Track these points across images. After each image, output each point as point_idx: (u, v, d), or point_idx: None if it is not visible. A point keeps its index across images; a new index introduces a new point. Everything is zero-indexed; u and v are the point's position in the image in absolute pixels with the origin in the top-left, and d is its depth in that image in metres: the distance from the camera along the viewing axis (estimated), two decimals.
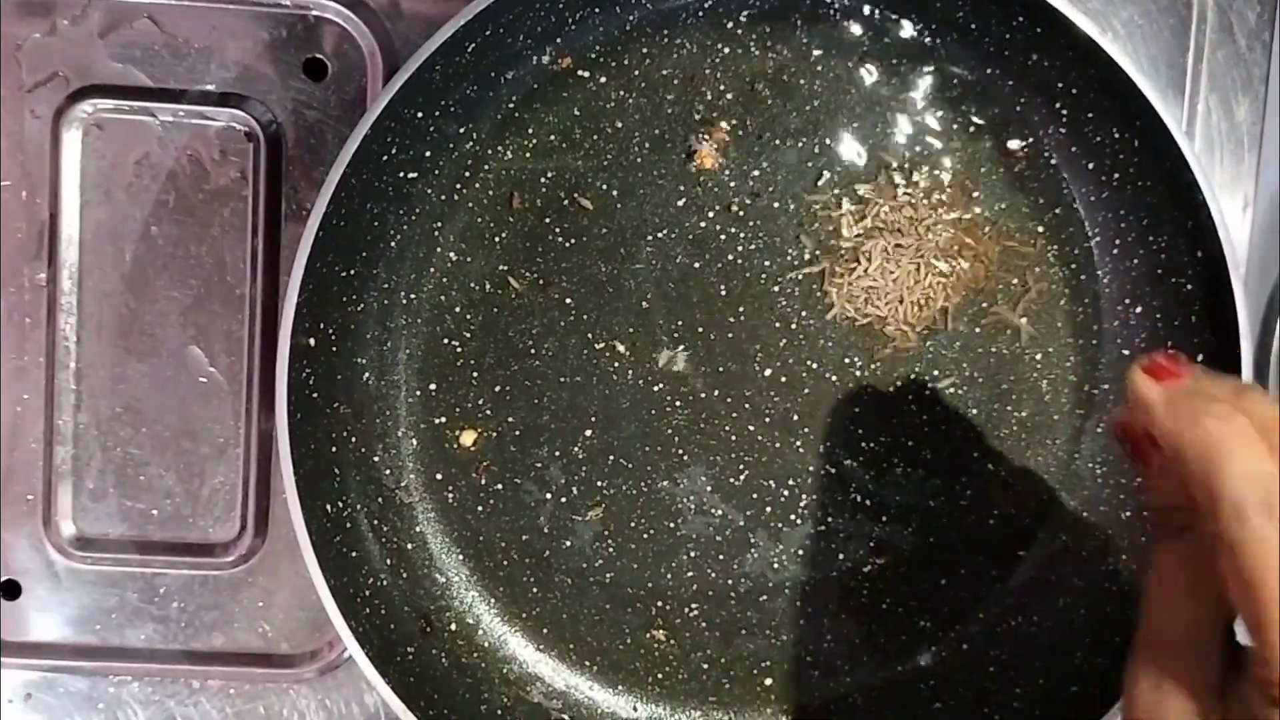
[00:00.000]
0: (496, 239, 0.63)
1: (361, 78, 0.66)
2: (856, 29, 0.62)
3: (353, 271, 0.60)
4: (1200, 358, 0.60)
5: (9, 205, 0.65)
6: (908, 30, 0.62)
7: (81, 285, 0.66)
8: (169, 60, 0.65)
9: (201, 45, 0.65)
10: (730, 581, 0.65)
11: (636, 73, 0.62)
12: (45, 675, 0.68)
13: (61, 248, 0.66)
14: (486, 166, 0.63)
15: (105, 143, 0.66)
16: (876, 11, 0.62)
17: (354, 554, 0.61)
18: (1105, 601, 0.63)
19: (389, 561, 0.63)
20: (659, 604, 0.65)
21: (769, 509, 0.65)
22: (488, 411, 0.64)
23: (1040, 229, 0.64)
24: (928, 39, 0.62)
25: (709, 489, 0.65)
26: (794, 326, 0.64)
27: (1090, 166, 0.62)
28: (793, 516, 0.65)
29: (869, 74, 0.63)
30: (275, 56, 0.65)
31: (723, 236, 0.63)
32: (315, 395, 0.60)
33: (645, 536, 0.65)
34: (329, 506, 0.60)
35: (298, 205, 0.66)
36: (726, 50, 0.62)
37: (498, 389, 0.64)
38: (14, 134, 0.65)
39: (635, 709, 0.66)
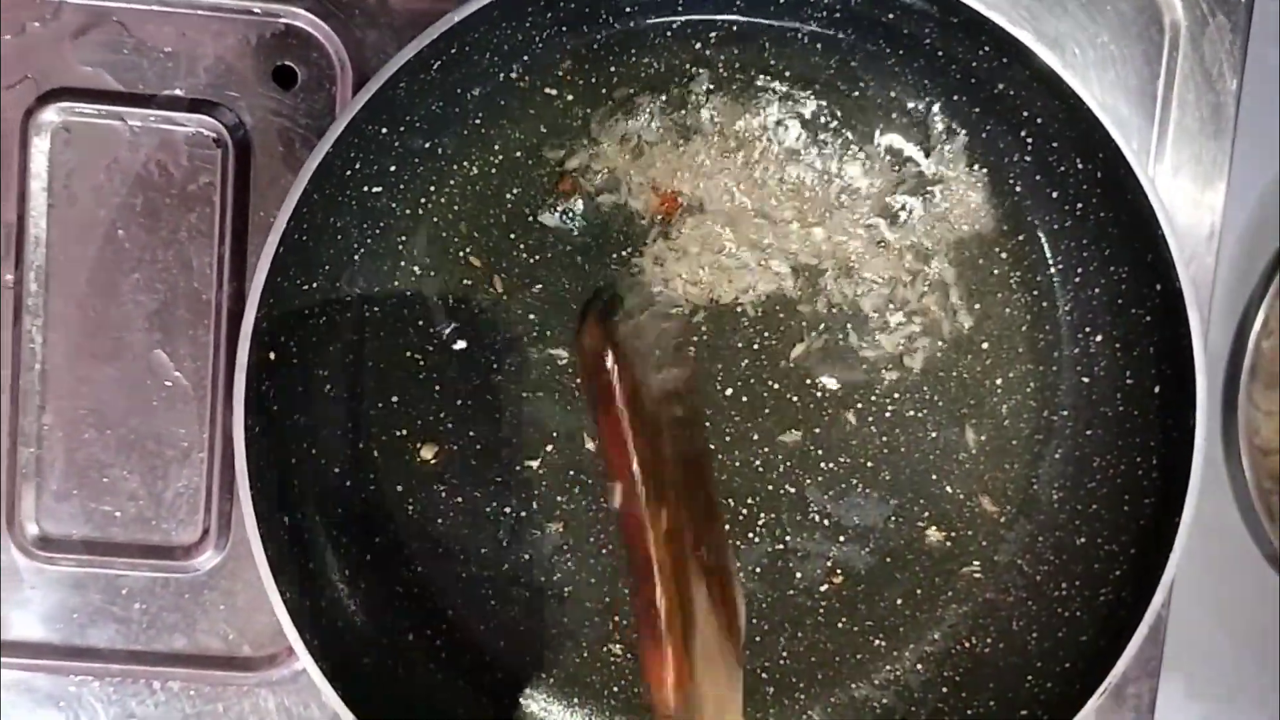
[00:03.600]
0: (460, 254, 0.63)
1: (331, 86, 0.66)
2: (824, 55, 0.62)
3: (315, 285, 0.61)
4: (1157, 389, 0.61)
5: None
6: (875, 57, 0.62)
7: (48, 287, 0.66)
8: (139, 65, 0.65)
9: (172, 50, 0.65)
10: None
11: (603, 91, 0.62)
12: (7, 674, 0.68)
13: (28, 250, 0.66)
14: (451, 181, 0.63)
15: (74, 146, 0.66)
16: (844, 38, 0.62)
17: (311, 565, 0.62)
18: (1058, 625, 0.64)
19: (347, 573, 0.63)
20: (615, 618, 0.66)
21: (728, 527, 0.65)
22: (449, 425, 0.64)
23: (1003, 255, 0.64)
24: (894, 66, 0.62)
25: None
26: (755, 347, 0.64)
27: (1054, 195, 0.62)
28: (751, 534, 0.65)
29: (835, 99, 0.63)
30: (245, 63, 0.65)
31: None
32: (275, 407, 0.60)
33: (603, 552, 0.65)
34: (287, 518, 0.60)
35: (265, 212, 0.66)
36: (694, 72, 0.62)
37: (459, 403, 0.64)
38: None
39: None
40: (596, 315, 0.57)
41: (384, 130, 0.59)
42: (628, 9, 0.61)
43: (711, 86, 0.63)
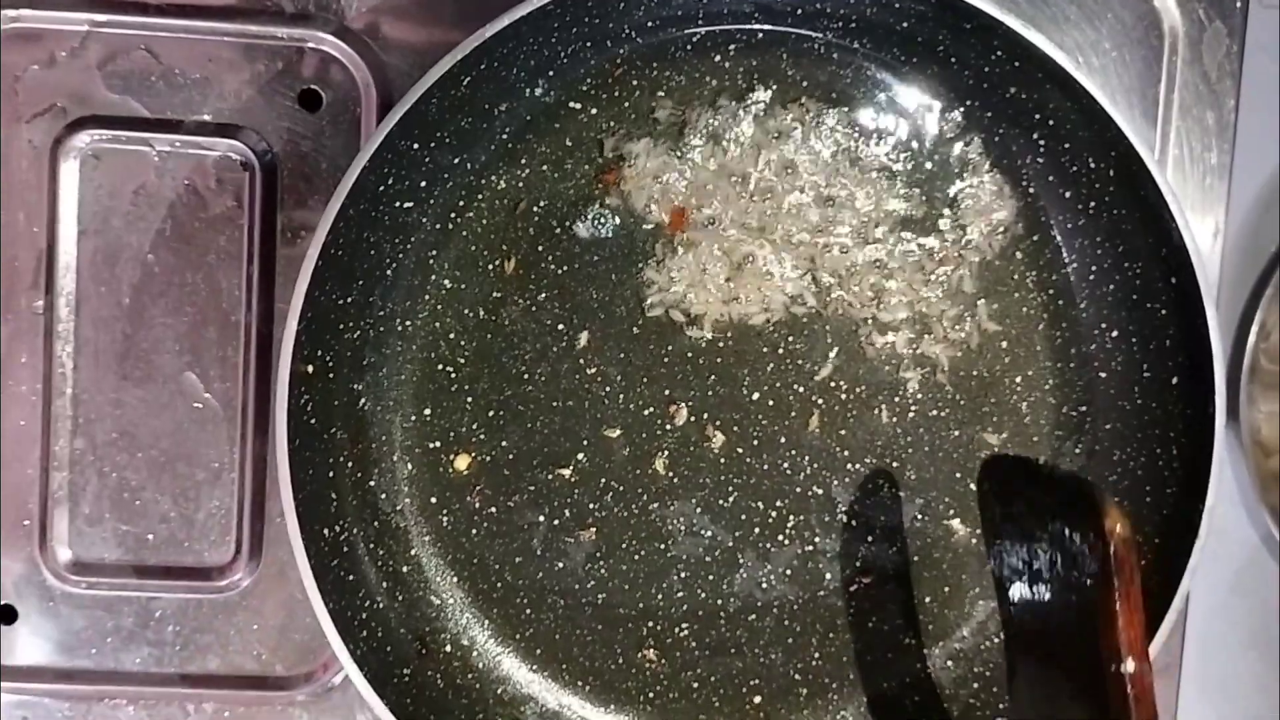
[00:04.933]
0: (490, 266, 0.64)
1: (355, 108, 0.67)
2: (840, 64, 0.64)
3: (350, 300, 0.62)
4: (1175, 380, 0.62)
5: (7, 234, 0.66)
6: (890, 65, 0.64)
7: (78, 313, 0.67)
8: (166, 91, 0.66)
9: (198, 76, 0.66)
10: (719, 601, 0.66)
11: (626, 104, 0.64)
12: (41, 699, 0.68)
13: (59, 276, 0.67)
14: (481, 196, 0.64)
15: (102, 172, 0.67)
16: (859, 47, 0.63)
17: (351, 577, 0.62)
18: None
19: (385, 584, 0.64)
20: (650, 624, 0.66)
21: (757, 529, 0.66)
22: (481, 436, 0.65)
23: (1019, 256, 0.65)
24: (909, 73, 0.64)
25: (698, 510, 0.66)
26: (780, 351, 0.65)
27: (1067, 195, 0.64)
28: (780, 537, 0.66)
29: (851, 107, 0.64)
30: (270, 87, 0.67)
31: None
32: (313, 421, 0.61)
33: (636, 558, 0.66)
34: (326, 531, 0.61)
35: (292, 233, 0.67)
36: (714, 83, 0.64)
37: (491, 414, 0.65)
38: (12, 164, 0.66)
39: None
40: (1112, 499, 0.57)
41: (415, 146, 0.60)
42: (649, 24, 0.62)
43: (731, 97, 0.64)
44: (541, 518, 0.66)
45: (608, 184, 0.64)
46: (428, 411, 0.65)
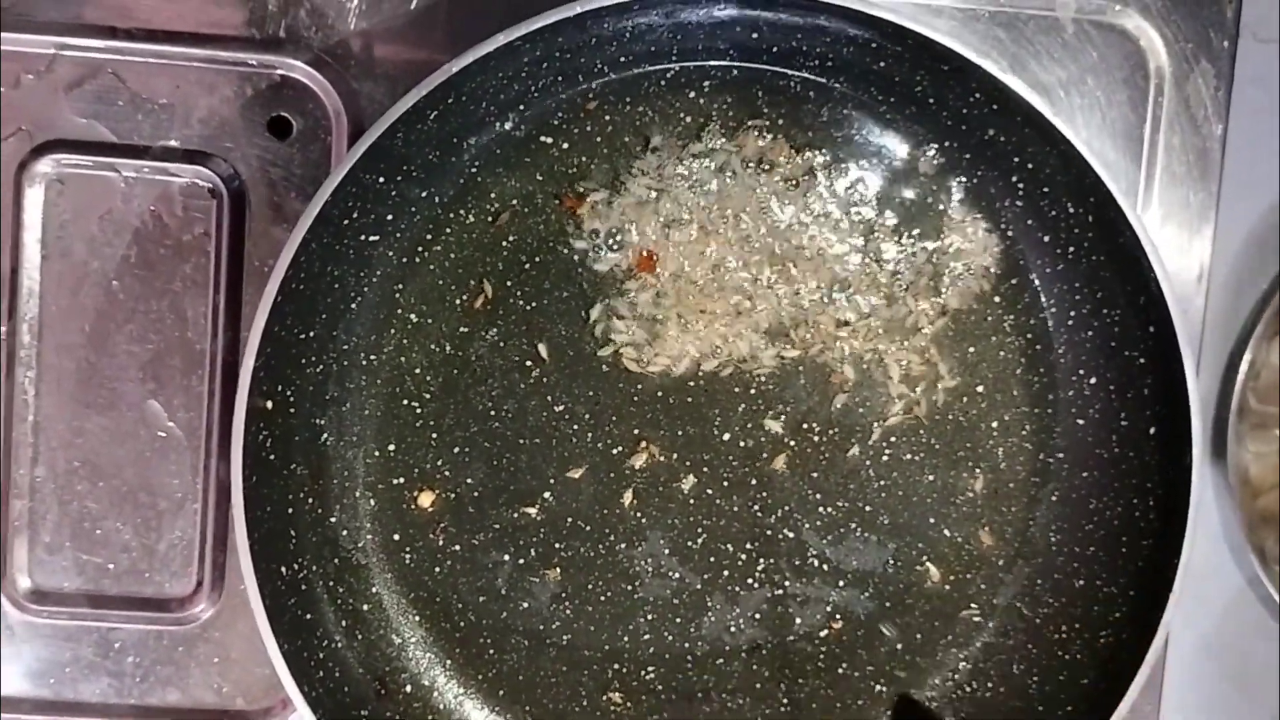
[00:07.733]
0: (457, 301, 0.63)
1: (326, 136, 0.66)
2: (816, 103, 0.63)
3: (312, 334, 0.61)
4: (1153, 430, 0.61)
5: None
6: (868, 105, 0.63)
7: (41, 339, 0.66)
8: (133, 116, 0.65)
9: (166, 101, 0.65)
10: (687, 644, 0.65)
11: (599, 139, 0.63)
12: None
13: (22, 301, 0.66)
14: (448, 230, 0.63)
15: (68, 197, 0.66)
16: (836, 86, 0.62)
17: (309, 616, 0.61)
18: (1059, 669, 0.63)
19: (344, 623, 0.63)
20: (615, 666, 0.65)
21: (726, 572, 0.65)
22: (446, 473, 0.64)
23: (997, 300, 0.64)
24: (886, 113, 0.63)
25: (666, 552, 0.65)
26: (752, 391, 0.64)
27: (1046, 239, 0.63)
28: (750, 580, 0.65)
29: (827, 147, 0.63)
30: (240, 114, 0.66)
31: None
32: (272, 457, 0.60)
33: (603, 599, 0.65)
34: (284, 569, 0.60)
35: (260, 262, 0.66)
36: (688, 120, 0.63)
37: (456, 450, 0.64)
38: None
39: None
40: None
41: (381, 179, 0.59)
42: (622, 59, 0.61)
43: (705, 134, 0.63)
44: (506, 556, 0.65)
45: (577, 220, 0.63)
46: (391, 447, 0.64)
